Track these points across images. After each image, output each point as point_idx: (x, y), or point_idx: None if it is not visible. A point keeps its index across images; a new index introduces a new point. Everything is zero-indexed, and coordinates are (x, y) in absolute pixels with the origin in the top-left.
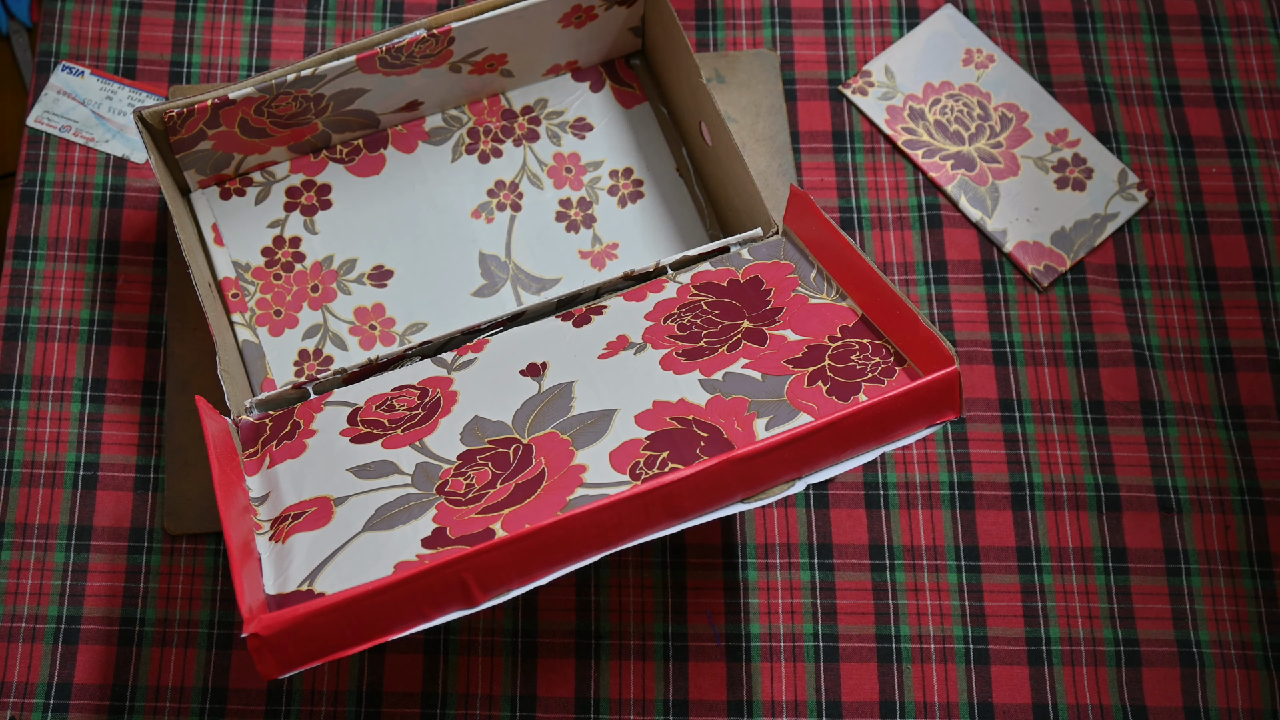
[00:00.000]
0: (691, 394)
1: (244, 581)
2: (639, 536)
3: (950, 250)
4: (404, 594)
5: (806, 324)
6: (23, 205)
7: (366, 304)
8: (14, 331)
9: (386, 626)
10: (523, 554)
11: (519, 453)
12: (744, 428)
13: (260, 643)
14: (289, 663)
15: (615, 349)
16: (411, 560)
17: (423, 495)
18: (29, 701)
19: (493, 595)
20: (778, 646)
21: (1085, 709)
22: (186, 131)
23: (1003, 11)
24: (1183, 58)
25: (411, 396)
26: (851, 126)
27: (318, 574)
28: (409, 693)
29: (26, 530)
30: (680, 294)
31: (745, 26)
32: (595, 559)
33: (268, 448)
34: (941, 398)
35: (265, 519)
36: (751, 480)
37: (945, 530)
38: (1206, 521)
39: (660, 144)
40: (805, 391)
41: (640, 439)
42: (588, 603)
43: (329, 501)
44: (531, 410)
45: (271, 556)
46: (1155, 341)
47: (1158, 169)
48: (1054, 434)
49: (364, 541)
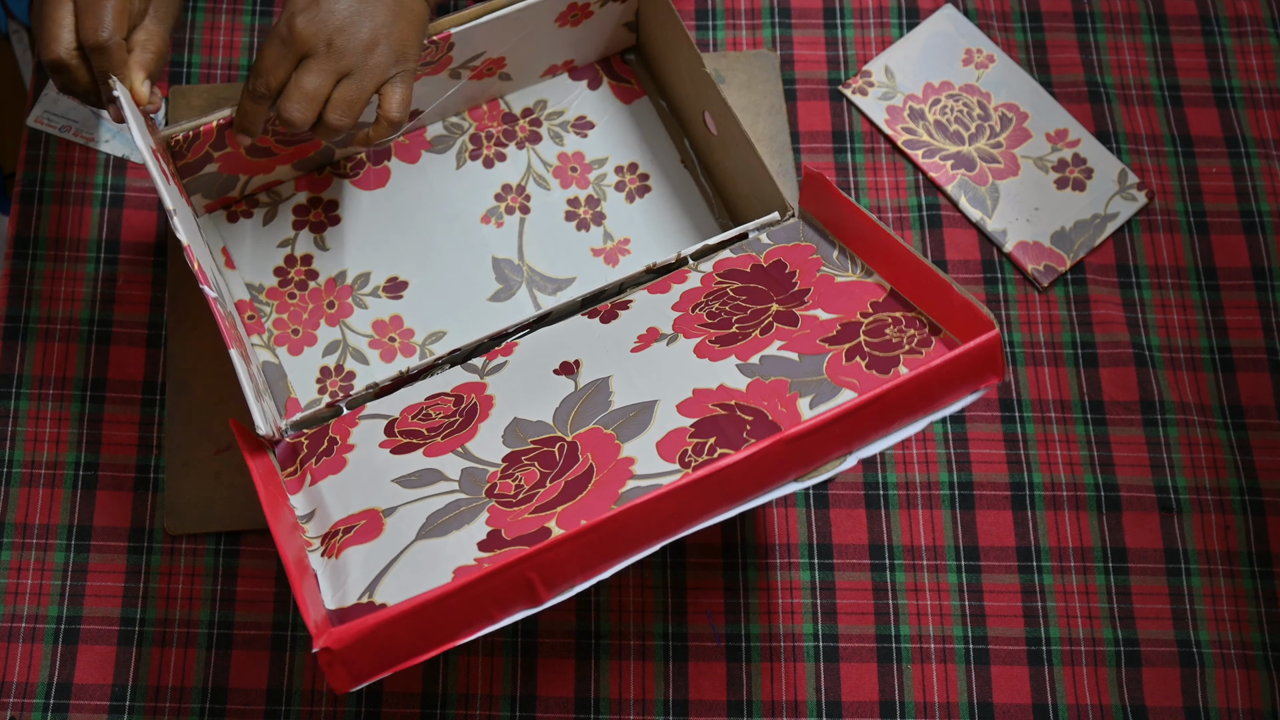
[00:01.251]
0: (730, 379)
1: (306, 597)
2: (698, 523)
3: (950, 250)
4: (470, 597)
5: (836, 302)
6: (23, 205)
7: (384, 316)
8: (14, 331)
9: (455, 631)
10: (585, 549)
11: (564, 450)
12: (788, 408)
13: (331, 657)
14: (361, 675)
15: (647, 341)
16: (470, 564)
17: (472, 499)
18: (29, 701)
19: (557, 592)
20: (778, 646)
21: (1085, 709)
22: (192, 155)
23: (1003, 11)
24: (1183, 58)
25: (447, 404)
26: (851, 126)
27: (376, 585)
28: (409, 693)
29: (26, 530)
30: (705, 283)
31: (745, 26)
32: (656, 548)
33: (307, 466)
34: (984, 363)
35: (314, 535)
36: (804, 459)
37: (945, 530)
38: (1206, 521)
39: (663, 137)
40: (845, 368)
41: (685, 427)
42: (588, 602)
43: (377, 514)
44: (571, 407)
45: (326, 572)
46: (1155, 341)
47: (1158, 169)
48: (1054, 434)
49: (419, 550)
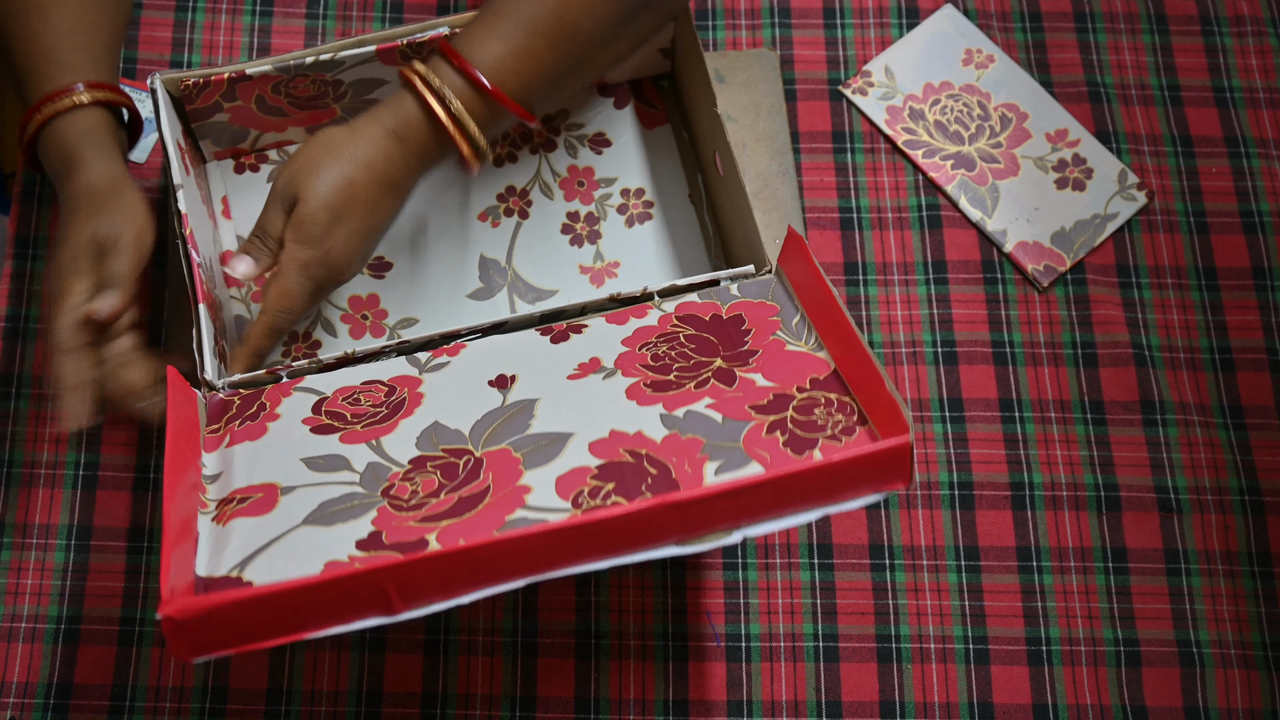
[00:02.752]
0: (650, 428)
1: (173, 561)
2: (567, 567)
3: (950, 250)
4: (323, 596)
5: (778, 370)
6: (23, 205)
7: (362, 293)
8: (14, 332)
9: (303, 624)
10: (447, 571)
11: (469, 465)
12: (694, 470)
13: (174, 626)
14: (201, 648)
15: (586, 371)
16: (342, 560)
17: (367, 496)
18: (29, 701)
19: (413, 607)
20: (778, 646)
21: (1085, 709)
22: (202, 102)
23: (1003, 11)
24: (1183, 58)
25: (379, 393)
26: (851, 126)
27: (250, 561)
28: (409, 693)
29: (26, 530)
30: (661, 323)
31: (745, 26)
32: (520, 584)
33: (230, 426)
34: (891, 466)
35: (213, 499)
36: (687, 526)
37: (945, 530)
38: (1206, 521)
39: (676, 168)
40: (762, 440)
41: (590, 467)
42: (588, 603)
43: (276, 489)
44: (491, 423)
45: (210, 538)
46: (1155, 341)
47: (1158, 169)
48: (1054, 434)
49: (302, 534)
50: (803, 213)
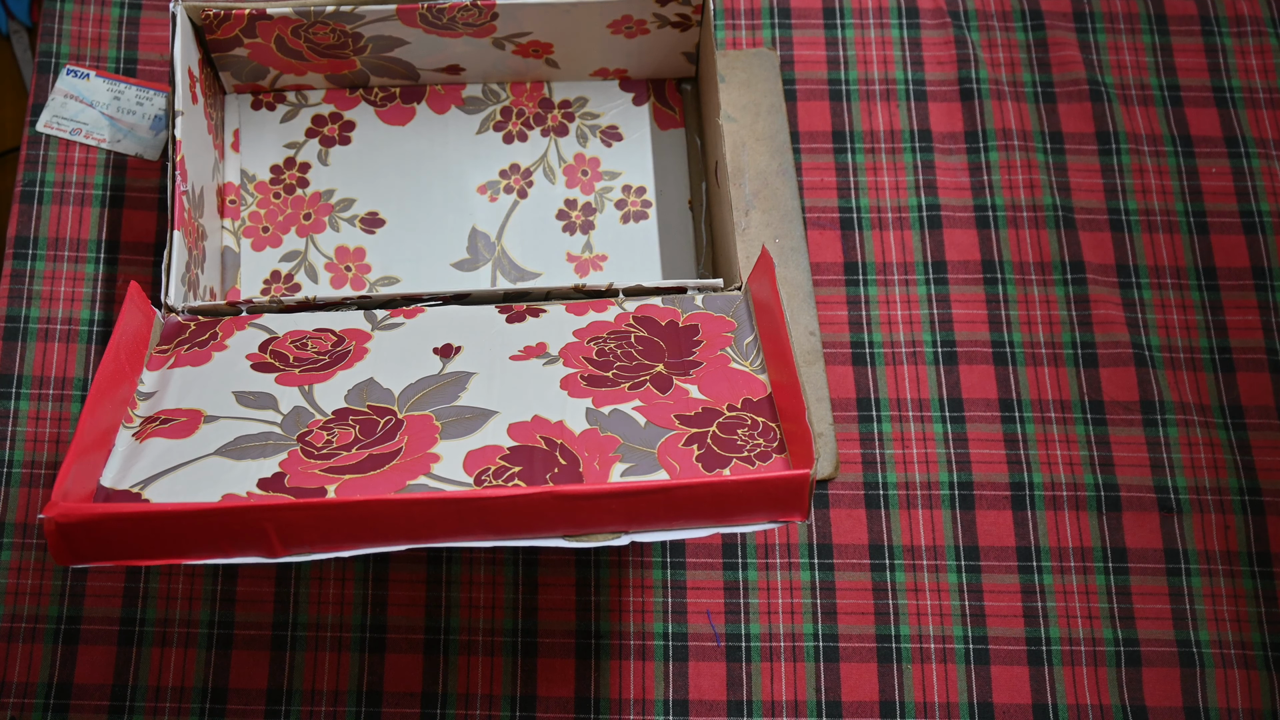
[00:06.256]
0: (573, 420)
1: (74, 467)
2: (450, 540)
3: (950, 250)
4: (204, 524)
5: (715, 386)
6: (23, 205)
7: (350, 245)
8: (14, 331)
9: (183, 550)
10: (328, 522)
11: (389, 425)
12: (603, 467)
13: (54, 528)
14: (80, 555)
15: (529, 354)
16: (240, 496)
17: (283, 438)
18: (29, 701)
19: (293, 552)
20: (778, 646)
21: (1085, 709)
22: (223, 34)
23: (1003, 11)
24: (1183, 58)
25: (326, 341)
26: (851, 126)
27: (154, 481)
28: (409, 693)
29: (26, 530)
30: (618, 320)
31: (745, 26)
32: (403, 548)
33: (179, 349)
34: (787, 497)
35: (140, 415)
36: (574, 520)
37: (945, 530)
38: (1206, 521)
39: (681, 173)
40: (677, 451)
41: (502, 448)
42: (588, 602)
43: (200, 416)
44: (422, 389)
45: (124, 452)
46: (1155, 341)
47: (1158, 169)
48: (1054, 434)
49: (210, 464)
50: (803, 212)
